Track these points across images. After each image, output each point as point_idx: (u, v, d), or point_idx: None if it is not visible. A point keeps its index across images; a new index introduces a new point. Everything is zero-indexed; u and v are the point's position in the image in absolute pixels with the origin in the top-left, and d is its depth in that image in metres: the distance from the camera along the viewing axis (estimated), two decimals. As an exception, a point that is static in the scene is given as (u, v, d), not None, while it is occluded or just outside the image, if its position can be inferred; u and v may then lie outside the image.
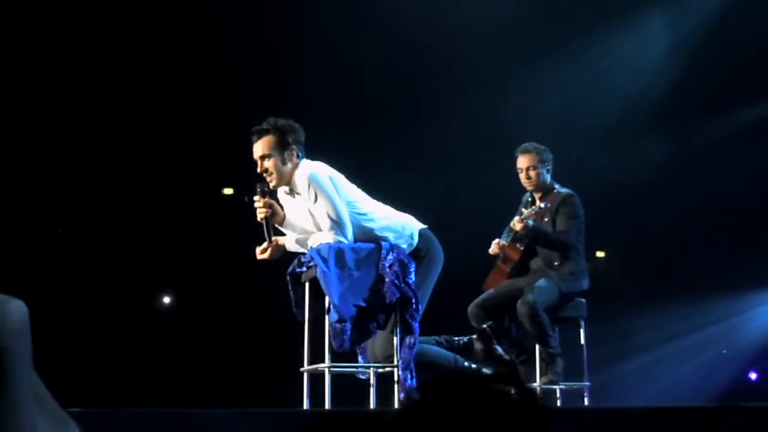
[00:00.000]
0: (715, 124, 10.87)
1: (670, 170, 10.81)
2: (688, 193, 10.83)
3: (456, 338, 5.67)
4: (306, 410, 4.83)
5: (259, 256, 5.32)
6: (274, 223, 5.28)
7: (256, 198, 5.25)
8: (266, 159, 5.22)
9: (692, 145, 10.84)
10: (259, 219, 5.25)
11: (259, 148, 5.24)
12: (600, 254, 11.64)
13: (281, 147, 5.21)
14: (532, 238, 6.48)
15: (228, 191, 11.09)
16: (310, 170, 5.15)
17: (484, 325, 5.80)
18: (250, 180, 5.42)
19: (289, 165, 5.21)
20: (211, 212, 10.72)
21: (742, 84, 10.46)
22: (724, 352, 11.67)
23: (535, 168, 6.56)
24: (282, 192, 5.33)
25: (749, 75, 10.39)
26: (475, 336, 5.69)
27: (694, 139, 10.84)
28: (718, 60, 10.17)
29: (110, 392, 9.00)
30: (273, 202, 5.29)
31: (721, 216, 10.95)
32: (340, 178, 5.25)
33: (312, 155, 5.32)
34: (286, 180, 5.23)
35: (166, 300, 11.31)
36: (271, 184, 5.26)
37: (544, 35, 9.88)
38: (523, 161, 6.60)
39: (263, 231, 5.26)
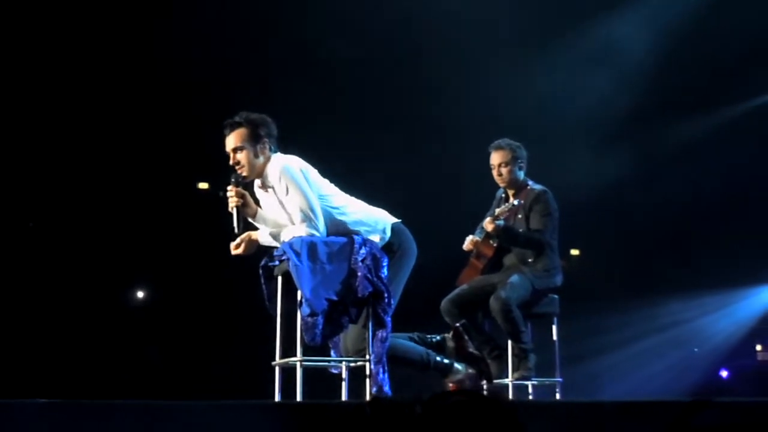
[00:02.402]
0: (689, 124, 10.94)
1: (646, 169, 10.87)
2: (663, 192, 10.90)
3: (429, 336, 5.67)
4: (278, 402, 4.82)
5: (233, 252, 5.30)
6: (245, 214, 5.26)
7: (229, 187, 5.24)
8: (238, 152, 5.21)
9: (668, 144, 10.90)
10: (230, 208, 5.23)
11: (231, 140, 5.23)
12: (574, 252, 11.69)
13: (253, 140, 5.20)
14: (503, 237, 6.49)
15: (203, 186, 11.06)
16: (282, 163, 5.14)
17: (457, 324, 5.80)
18: (225, 175, 5.40)
19: (261, 158, 5.21)
20: (186, 207, 10.68)
21: (718, 83, 10.53)
22: (696, 350, 11.74)
23: (507, 165, 6.57)
24: (256, 186, 5.32)
25: (724, 74, 10.47)
26: (447, 335, 5.69)
27: (670, 138, 10.91)
28: (695, 59, 10.24)
29: (84, 385, 8.96)
30: (245, 192, 5.28)
31: (695, 215, 11.03)
32: (313, 172, 5.24)
33: (285, 149, 5.31)
34: (258, 173, 5.23)
35: (140, 294, 11.28)
36: (243, 177, 5.25)
37: (523, 32, 9.91)
38: (495, 158, 6.61)
39: (231, 221, 5.23)
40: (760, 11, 9.94)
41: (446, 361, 5.49)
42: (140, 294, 11.26)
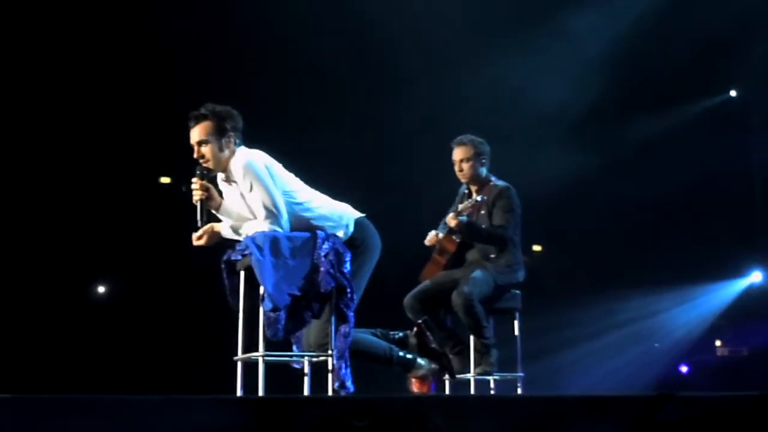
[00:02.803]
0: (649, 120, 11.03)
1: (607, 165, 10.94)
2: (624, 189, 10.98)
3: (391, 332, 5.67)
4: (240, 397, 4.80)
5: (194, 242, 5.26)
6: (210, 207, 5.24)
7: (194, 180, 5.20)
8: (203, 145, 5.17)
9: (629, 141, 10.99)
10: (194, 201, 5.20)
11: (196, 133, 5.18)
12: (537, 248, 11.74)
13: (219, 133, 5.16)
14: (466, 233, 6.50)
15: (165, 180, 11.00)
16: (246, 158, 5.12)
17: (419, 320, 5.80)
18: (188, 169, 5.36)
19: (226, 152, 5.17)
20: (147, 201, 10.63)
21: (678, 80, 10.63)
22: (656, 345, 11.84)
23: (468, 160, 6.59)
24: (220, 179, 5.29)
25: (686, 70, 10.57)
26: (410, 331, 5.70)
27: (631, 135, 10.99)
28: (655, 56, 10.33)
29: (47, 381, 8.90)
30: (210, 185, 5.25)
31: (656, 211, 11.12)
32: (277, 167, 5.21)
33: (250, 143, 5.29)
34: (222, 167, 5.19)
35: (101, 290, 11.21)
36: (207, 170, 5.23)
37: (486, 29, 9.94)
38: (457, 153, 6.63)
39: (196, 214, 5.21)
40: (717, 9, 10.05)
41: (409, 356, 5.49)
42: (101, 289, 11.19)
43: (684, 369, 11.93)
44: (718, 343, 12.12)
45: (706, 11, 10.02)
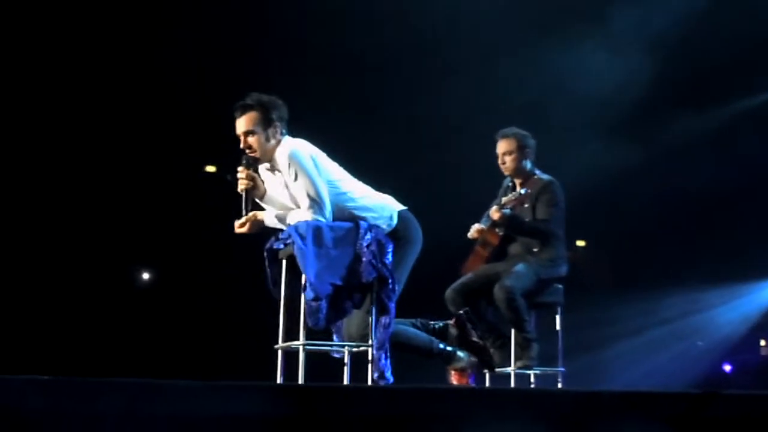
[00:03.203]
0: (696, 116, 10.93)
1: (652, 160, 10.86)
2: (669, 185, 10.89)
3: (432, 322, 5.67)
4: (280, 384, 4.83)
5: (237, 230, 5.29)
6: (254, 196, 5.26)
7: (239, 168, 5.23)
8: (249, 135, 5.19)
9: (675, 136, 10.89)
10: (239, 190, 5.23)
11: (243, 123, 5.21)
12: (580, 243, 11.68)
13: (265, 123, 5.18)
14: (509, 226, 6.48)
15: (210, 169, 11.07)
16: (291, 148, 5.14)
17: (460, 311, 5.79)
18: (233, 158, 5.39)
19: (272, 142, 5.19)
20: (193, 189, 10.70)
21: (726, 77, 10.52)
22: (700, 343, 11.75)
23: (511, 153, 6.56)
24: (263, 168, 5.31)
25: (732, 68, 10.46)
26: (450, 321, 5.69)
27: (676, 130, 10.90)
28: (700, 53, 10.23)
29: (88, 364, 8.99)
30: (255, 174, 5.27)
31: (701, 208, 11.02)
32: (321, 156, 5.23)
33: (295, 133, 5.31)
34: (268, 157, 5.21)
35: (146, 276, 11.31)
36: (253, 161, 5.25)
37: (531, 22, 9.90)
38: (501, 146, 6.60)
39: (241, 203, 5.24)
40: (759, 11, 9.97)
41: (449, 348, 5.49)
42: (146, 276, 11.29)
43: (727, 368, 11.82)
44: (762, 342, 12.00)
45: (752, 7, 9.91)
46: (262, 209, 5.35)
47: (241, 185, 5.23)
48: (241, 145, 5.23)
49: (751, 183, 10.91)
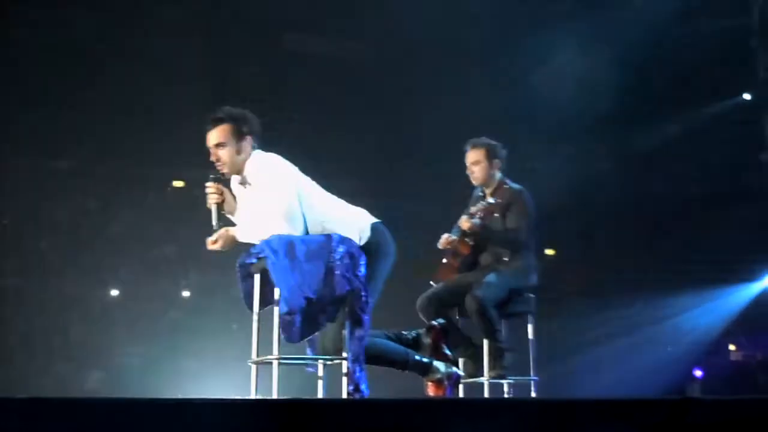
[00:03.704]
0: (662, 124, 11.01)
1: (619, 168, 10.93)
2: (638, 192, 10.95)
3: (404, 333, 5.67)
4: (253, 400, 4.81)
5: (209, 247, 5.27)
6: (225, 211, 5.25)
7: (208, 183, 5.21)
8: (220, 148, 5.18)
9: (642, 144, 10.97)
10: (208, 205, 5.22)
11: (214, 136, 5.20)
12: (550, 252, 11.73)
13: (236, 137, 5.18)
14: (479, 236, 6.50)
15: (178, 184, 11.02)
16: (261, 162, 5.13)
17: (435, 322, 5.80)
18: (200, 171, 5.38)
19: (243, 155, 5.19)
20: (160, 204, 10.65)
21: (693, 83, 10.62)
22: (669, 349, 11.81)
23: (479, 163, 6.59)
24: (234, 182, 5.30)
25: (700, 74, 10.56)
26: (422, 330, 5.69)
27: (644, 138, 10.97)
28: (670, 61, 10.32)
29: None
30: (224, 188, 5.26)
31: (670, 215, 11.09)
32: (293, 170, 5.22)
33: (266, 146, 5.30)
34: (239, 170, 5.20)
35: (114, 293, 11.22)
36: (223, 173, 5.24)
37: (504, 31, 9.95)
38: (470, 156, 6.63)
39: (210, 217, 5.22)
40: (732, 14, 10.06)
41: (425, 360, 5.49)
42: (114, 293, 11.21)
43: (698, 373, 11.90)
44: (732, 347, 12.08)
45: (725, 14, 10.02)
46: (234, 224, 5.33)
47: (211, 200, 5.22)
48: (212, 158, 5.21)
49: (720, 189, 11.00)
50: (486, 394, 6.40)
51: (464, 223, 6.46)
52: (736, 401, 4.00)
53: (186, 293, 10.82)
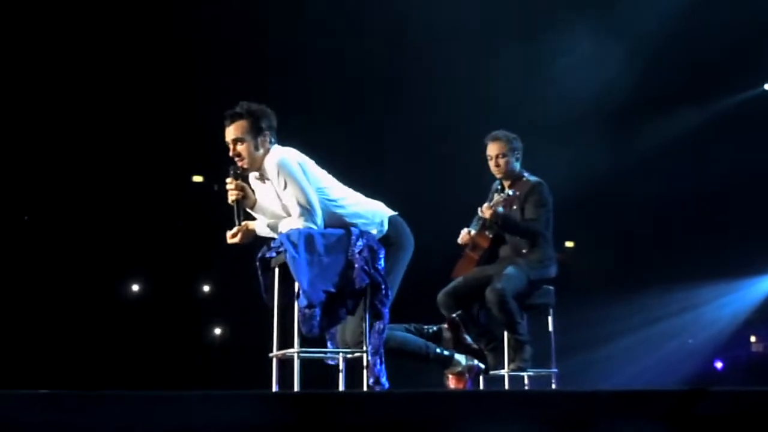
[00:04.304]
0: (682, 117, 10.97)
1: (642, 159, 10.89)
2: (658, 184, 10.91)
3: (425, 327, 5.68)
4: (274, 392, 4.83)
5: (229, 240, 5.30)
6: (245, 206, 5.27)
7: (228, 180, 5.23)
8: (239, 143, 5.20)
9: (663, 136, 10.92)
10: (230, 201, 5.24)
11: (232, 132, 5.21)
12: (569, 244, 11.71)
13: (254, 132, 5.19)
14: (501, 225, 6.50)
15: (197, 179, 11.06)
16: (279, 156, 5.14)
17: (453, 314, 5.81)
18: (220, 167, 5.40)
19: (261, 150, 5.20)
20: (181, 199, 10.69)
21: (713, 76, 10.57)
22: (690, 341, 11.78)
23: (504, 156, 6.59)
24: (253, 177, 5.32)
25: (720, 67, 10.50)
26: (444, 325, 5.70)
27: (665, 131, 10.93)
28: (679, 56, 10.27)
29: (81, 377, 8.97)
30: (245, 185, 5.28)
31: (690, 206, 11.05)
32: (311, 164, 5.24)
33: (284, 140, 5.31)
34: (257, 165, 5.22)
35: (135, 288, 11.28)
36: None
37: (520, 27, 9.93)
38: (492, 149, 6.62)
39: (232, 214, 5.25)
40: (745, 8, 10.00)
41: (446, 352, 5.50)
42: (135, 287, 11.26)
43: (719, 365, 11.86)
44: (752, 338, 12.04)
45: (736, 9, 9.96)
46: (253, 218, 5.35)
47: (232, 196, 5.24)
48: (230, 153, 5.23)
49: (741, 182, 10.94)
50: (507, 387, 6.40)
51: (486, 210, 6.46)
52: (751, 392, 3.98)
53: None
